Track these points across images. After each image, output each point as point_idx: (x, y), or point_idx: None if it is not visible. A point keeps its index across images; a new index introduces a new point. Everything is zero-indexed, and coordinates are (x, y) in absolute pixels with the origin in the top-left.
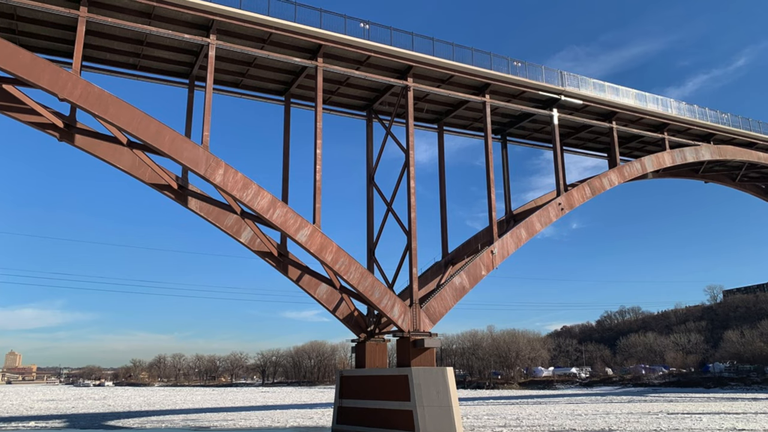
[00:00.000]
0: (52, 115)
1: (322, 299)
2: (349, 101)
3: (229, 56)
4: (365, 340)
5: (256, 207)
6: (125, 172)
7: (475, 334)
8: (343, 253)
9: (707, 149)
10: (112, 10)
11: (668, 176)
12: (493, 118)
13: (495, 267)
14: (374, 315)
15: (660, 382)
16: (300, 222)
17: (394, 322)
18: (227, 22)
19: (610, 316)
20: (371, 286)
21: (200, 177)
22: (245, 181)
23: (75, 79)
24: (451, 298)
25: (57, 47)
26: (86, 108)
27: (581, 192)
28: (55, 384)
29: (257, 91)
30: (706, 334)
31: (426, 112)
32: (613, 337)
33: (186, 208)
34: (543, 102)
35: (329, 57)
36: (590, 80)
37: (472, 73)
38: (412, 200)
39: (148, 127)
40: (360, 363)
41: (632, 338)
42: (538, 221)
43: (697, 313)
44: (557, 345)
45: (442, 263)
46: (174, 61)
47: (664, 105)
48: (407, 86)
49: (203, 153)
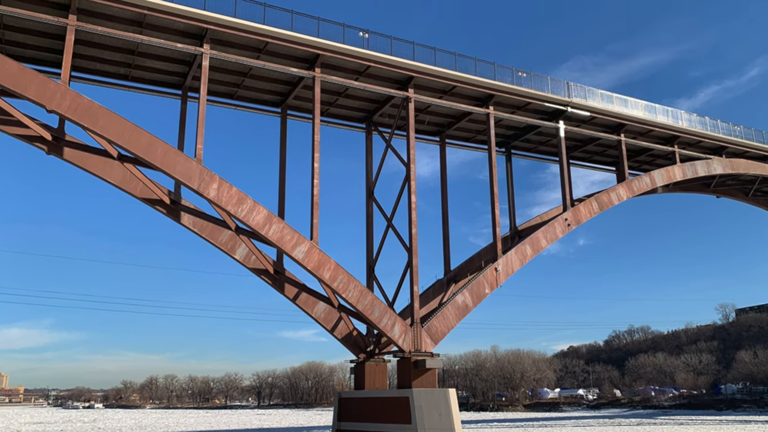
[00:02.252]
0: (40, 127)
1: (320, 318)
2: (348, 113)
3: (224, 66)
4: (364, 361)
5: (251, 223)
6: (116, 187)
7: (478, 355)
8: (341, 270)
9: (719, 163)
10: (102, 19)
11: (679, 191)
12: (497, 131)
13: (499, 285)
14: (374, 334)
15: (670, 405)
16: (297, 238)
17: (395, 342)
18: (221, 31)
19: (618, 336)
20: (371, 305)
21: (193, 191)
22: (240, 195)
23: (64, 90)
24: (454, 317)
25: (45, 57)
26: (75, 120)
27: (588, 207)
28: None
29: (253, 102)
30: (718, 355)
31: (427, 124)
32: (621, 358)
33: (179, 223)
34: (549, 114)
35: (327, 67)
36: (598, 91)
37: (475, 83)
38: (413, 215)
39: (139, 140)
40: (359, 384)
41: (641, 359)
42: (543, 237)
43: (709, 332)
44: (563, 366)
45: (445, 281)
46: (166, 71)
47: (674, 117)
48: (408, 97)
49: (197, 166)
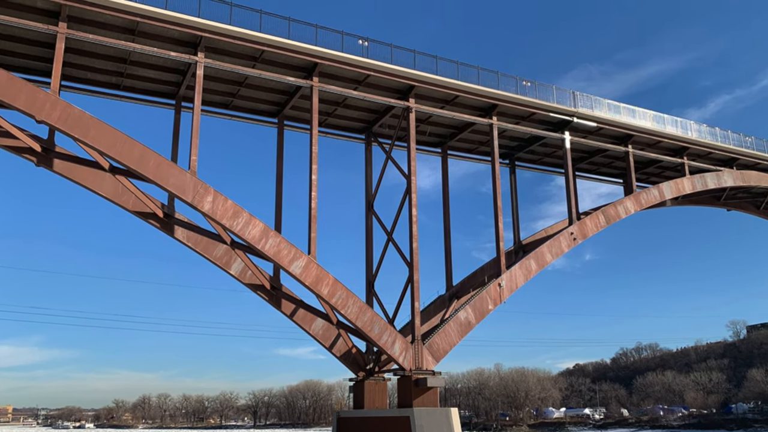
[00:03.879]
0: (29, 138)
1: (318, 335)
2: (347, 123)
3: (219, 75)
4: (364, 379)
5: (247, 237)
6: (107, 200)
7: (481, 373)
8: (340, 285)
9: (730, 175)
10: (93, 27)
11: (688, 203)
12: (501, 142)
13: (503, 301)
14: (373, 352)
15: (679, 424)
16: (294, 252)
17: (395, 360)
18: (216, 39)
19: (625, 354)
20: (370, 322)
21: (187, 204)
22: (236, 208)
23: (54, 99)
24: (456, 334)
25: (34, 66)
26: (65, 131)
27: (595, 221)
28: (33, 426)
29: (248, 112)
30: (729, 373)
31: (429, 135)
32: (629, 376)
33: (172, 237)
34: (554, 124)
35: (325, 76)
36: (605, 101)
37: (478, 93)
38: (414, 229)
39: (131, 151)
40: (358, 403)
41: (649, 377)
42: (548, 252)
43: (719, 350)
44: (569, 384)
45: (446, 297)
46: (159, 80)
47: (683, 128)
48: (409, 107)
49: (191, 179)
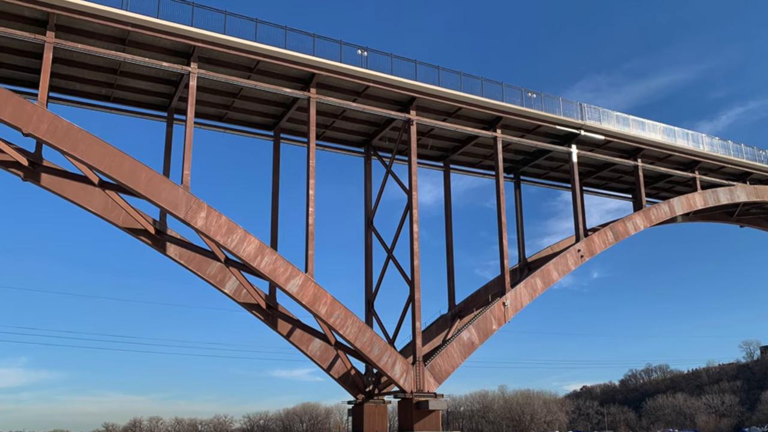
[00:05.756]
0: (16, 151)
1: (316, 356)
2: (346, 136)
3: (212, 86)
4: (363, 402)
5: (241, 254)
6: (97, 216)
7: (485, 395)
8: (338, 305)
9: (743, 190)
10: (82, 36)
11: (700, 220)
12: (506, 155)
13: (507, 321)
14: (373, 374)
15: None
16: (291, 270)
17: (396, 382)
18: (210, 49)
19: (635, 375)
20: (370, 342)
21: (180, 221)
22: (230, 225)
23: (41, 112)
24: (459, 355)
25: (21, 76)
26: (53, 144)
27: (603, 237)
28: None
29: (243, 125)
30: (742, 395)
31: (430, 148)
32: (638, 399)
33: (164, 255)
34: (561, 137)
35: (323, 87)
36: (613, 113)
37: (481, 105)
38: (416, 246)
39: (122, 166)
40: (357, 427)
41: (660, 399)
42: (555, 270)
43: (732, 371)
44: (576, 407)
45: (449, 316)
46: (151, 91)
47: (695, 141)
48: (410, 120)
49: (183, 194)
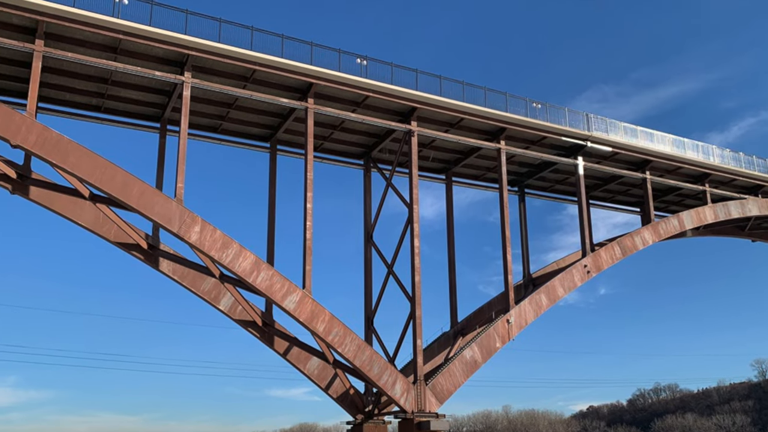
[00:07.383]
0: (3, 164)
1: (313, 375)
2: (345, 148)
3: (207, 96)
4: (362, 422)
5: (237, 269)
6: (87, 230)
7: (488, 415)
8: (337, 322)
9: (755, 203)
10: (72, 44)
11: (710, 234)
12: (510, 168)
13: (511, 338)
14: (373, 393)
15: None
16: (288, 286)
17: (396, 402)
18: (204, 58)
19: (643, 395)
20: (369, 360)
21: (173, 235)
22: (225, 239)
23: (30, 122)
24: (461, 373)
25: (9, 86)
26: (42, 156)
27: (610, 252)
28: None
29: (239, 136)
30: (754, 415)
31: (432, 160)
32: (646, 419)
33: (157, 270)
34: (566, 149)
35: (321, 97)
36: (621, 124)
37: (485, 116)
38: (417, 262)
39: (113, 178)
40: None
41: (669, 420)
42: (560, 286)
43: (743, 391)
44: (583, 427)
45: (451, 334)
46: (143, 102)
47: (705, 152)
48: (411, 131)
49: (177, 208)
